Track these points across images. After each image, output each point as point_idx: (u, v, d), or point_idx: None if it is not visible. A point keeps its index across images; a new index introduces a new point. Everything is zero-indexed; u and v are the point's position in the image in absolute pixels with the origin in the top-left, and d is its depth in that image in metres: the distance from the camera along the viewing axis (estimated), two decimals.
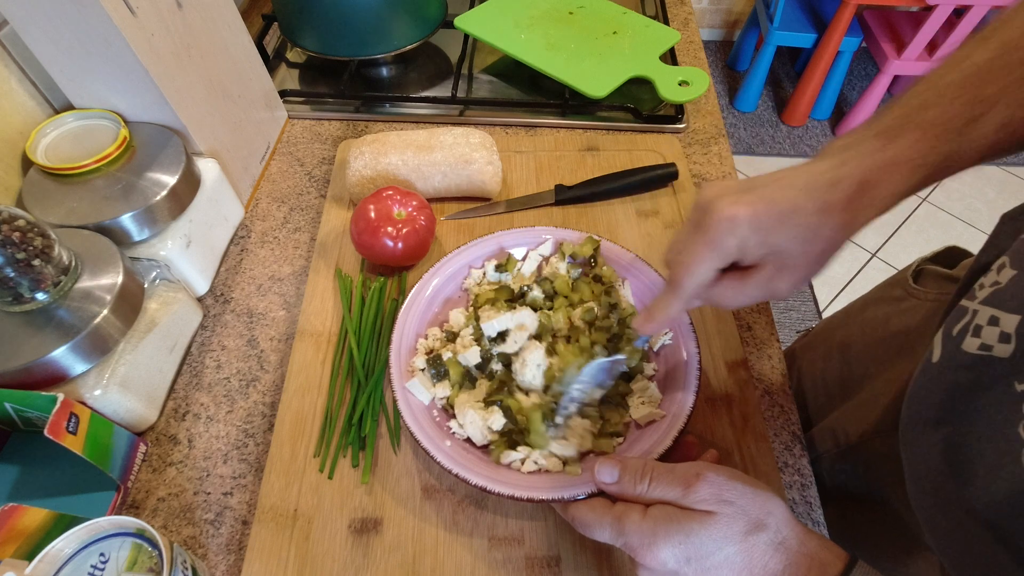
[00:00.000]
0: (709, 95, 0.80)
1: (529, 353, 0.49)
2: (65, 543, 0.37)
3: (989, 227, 0.41)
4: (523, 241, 0.59)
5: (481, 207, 0.67)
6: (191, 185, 0.56)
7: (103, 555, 0.38)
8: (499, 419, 0.47)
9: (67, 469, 0.48)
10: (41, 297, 0.44)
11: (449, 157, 0.64)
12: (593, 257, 0.57)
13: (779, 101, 2.48)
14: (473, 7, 0.88)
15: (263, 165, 0.73)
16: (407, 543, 0.46)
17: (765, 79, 2.32)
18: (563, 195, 0.67)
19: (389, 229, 0.57)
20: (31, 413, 0.45)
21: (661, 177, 0.67)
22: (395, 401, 0.48)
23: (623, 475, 0.38)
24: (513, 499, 0.43)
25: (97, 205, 0.51)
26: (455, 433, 0.48)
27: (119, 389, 0.48)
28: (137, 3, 0.50)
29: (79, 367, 0.45)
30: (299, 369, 0.54)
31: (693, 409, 0.46)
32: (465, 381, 0.50)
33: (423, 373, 0.50)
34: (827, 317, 0.73)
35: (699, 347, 0.50)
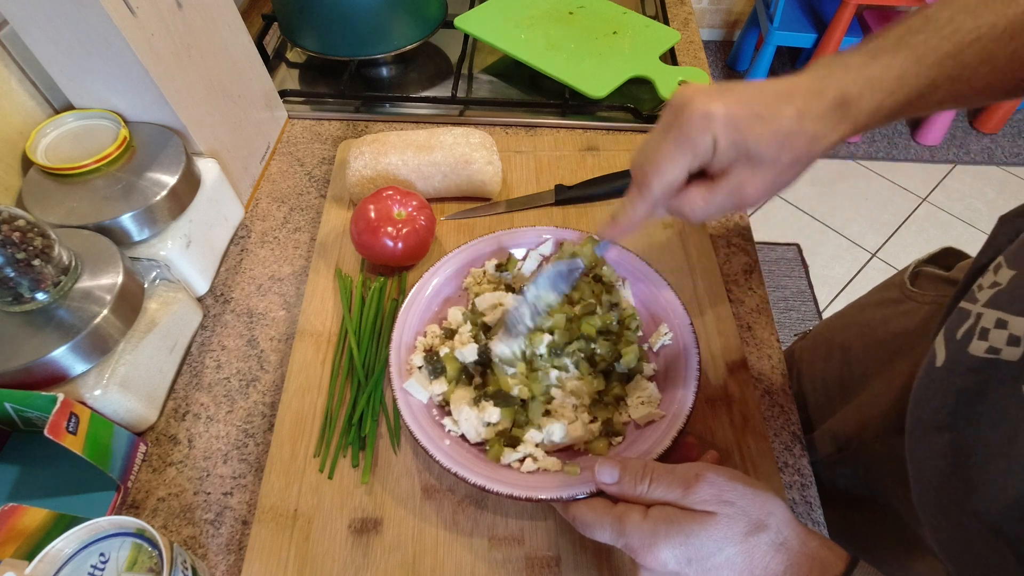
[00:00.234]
0: None
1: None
2: (65, 543, 0.37)
3: (989, 227, 0.41)
4: (523, 241, 0.59)
5: (481, 207, 0.67)
6: (191, 185, 0.56)
7: (103, 555, 0.38)
8: (494, 412, 0.47)
9: (67, 469, 0.48)
10: (41, 297, 0.44)
11: (449, 157, 0.64)
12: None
13: None
14: (473, 7, 0.88)
15: (263, 165, 0.73)
16: (407, 543, 0.46)
17: (765, 79, 2.32)
18: (563, 195, 0.67)
19: (389, 229, 0.57)
20: (31, 413, 0.45)
21: None
22: (395, 401, 0.48)
23: (623, 475, 0.38)
24: (513, 499, 0.43)
25: (97, 205, 0.51)
26: (450, 431, 0.48)
27: (119, 389, 0.48)
28: (137, 3, 0.50)
29: (79, 367, 0.45)
30: (299, 369, 0.54)
31: (693, 409, 0.46)
32: (462, 377, 0.50)
33: (420, 371, 0.51)
34: (827, 318, 0.74)
35: (699, 347, 0.50)
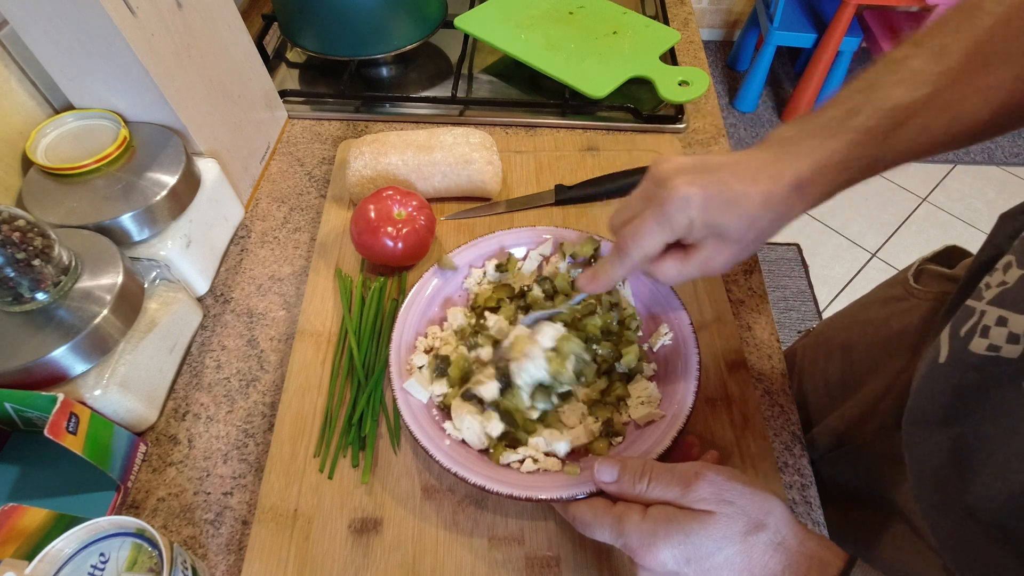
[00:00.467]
0: (709, 95, 0.80)
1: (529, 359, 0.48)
2: (65, 543, 0.37)
3: (989, 227, 0.42)
4: (523, 241, 0.59)
5: (481, 207, 0.67)
6: (191, 185, 0.56)
7: (103, 555, 0.38)
8: (497, 425, 0.47)
9: (67, 469, 0.48)
10: (41, 297, 0.44)
11: (449, 157, 0.63)
12: (593, 257, 0.57)
13: (779, 101, 2.48)
14: (473, 7, 0.88)
15: (263, 165, 0.73)
16: (407, 543, 0.46)
17: (765, 79, 2.32)
18: (563, 195, 0.67)
19: (389, 229, 0.57)
20: (31, 413, 0.45)
21: None
22: (395, 401, 0.48)
23: (623, 475, 0.38)
24: (513, 499, 0.43)
25: (97, 205, 0.51)
26: (451, 436, 0.48)
27: (119, 389, 0.48)
28: (137, 3, 0.50)
29: (79, 367, 0.45)
30: (299, 369, 0.54)
31: (693, 409, 0.46)
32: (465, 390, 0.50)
33: (420, 371, 0.50)
34: (827, 317, 0.73)
35: (699, 347, 0.50)
